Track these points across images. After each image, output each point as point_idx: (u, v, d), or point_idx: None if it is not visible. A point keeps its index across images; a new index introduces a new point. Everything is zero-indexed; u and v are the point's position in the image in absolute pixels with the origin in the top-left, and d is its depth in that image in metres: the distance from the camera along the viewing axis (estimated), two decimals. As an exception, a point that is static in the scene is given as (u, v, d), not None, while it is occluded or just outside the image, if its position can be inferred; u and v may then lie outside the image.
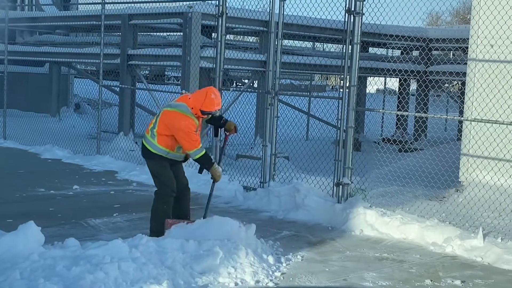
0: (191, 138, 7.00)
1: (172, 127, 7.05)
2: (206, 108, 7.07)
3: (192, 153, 7.08)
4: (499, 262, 7.01)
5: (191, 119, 7.05)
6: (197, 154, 7.06)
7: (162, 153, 7.17)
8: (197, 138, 7.05)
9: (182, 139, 7.02)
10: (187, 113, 7.07)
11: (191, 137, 7.00)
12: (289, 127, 15.08)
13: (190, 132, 6.99)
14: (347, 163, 9.04)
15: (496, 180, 9.11)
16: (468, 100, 9.83)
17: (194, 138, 7.02)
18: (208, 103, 7.05)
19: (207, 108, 7.07)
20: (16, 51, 18.33)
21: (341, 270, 6.67)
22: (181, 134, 7.01)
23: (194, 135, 7.02)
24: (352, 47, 8.91)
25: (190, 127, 7.00)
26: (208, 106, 7.06)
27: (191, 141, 7.01)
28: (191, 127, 7.01)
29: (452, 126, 22.04)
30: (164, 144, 7.15)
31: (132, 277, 5.57)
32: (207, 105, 7.05)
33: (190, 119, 7.04)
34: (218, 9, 10.86)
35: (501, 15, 9.07)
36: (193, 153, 7.06)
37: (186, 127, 6.98)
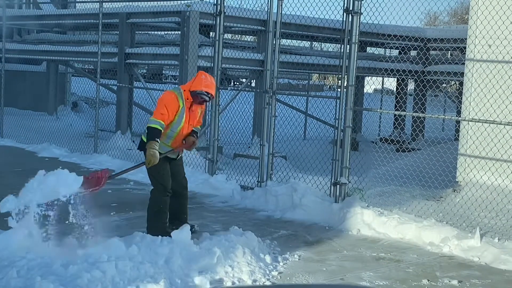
0: (160, 110, 6.94)
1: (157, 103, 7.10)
2: (194, 88, 7.04)
3: (150, 120, 7.00)
4: (496, 262, 7.02)
5: (174, 95, 7.05)
6: (152, 123, 6.94)
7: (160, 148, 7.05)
8: (163, 112, 6.94)
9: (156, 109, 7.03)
10: (175, 91, 7.13)
11: (160, 108, 6.94)
12: (287, 127, 15.11)
13: (163, 104, 6.96)
14: (344, 163, 9.05)
15: (493, 180, 9.12)
16: (466, 100, 9.83)
17: (162, 110, 6.94)
18: (196, 82, 7.06)
19: (195, 88, 7.04)
20: (14, 49, 18.30)
21: (338, 269, 6.67)
22: (157, 105, 7.03)
23: (164, 109, 6.94)
24: (350, 47, 8.91)
25: (169, 101, 6.99)
26: (196, 86, 7.04)
27: (158, 111, 6.95)
28: (170, 102, 6.99)
29: (449, 126, 22.07)
30: None
31: (129, 276, 5.57)
32: (195, 84, 7.05)
33: (172, 95, 7.06)
34: (216, 8, 10.86)
35: (499, 15, 9.08)
36: (151, 120, 6.98)
37: (164, 99, 7.01)
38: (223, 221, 8.55)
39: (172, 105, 7.01)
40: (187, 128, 7.27)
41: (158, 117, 6.93)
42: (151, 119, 7.00)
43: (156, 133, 6.92)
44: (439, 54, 20.72)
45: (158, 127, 6.93)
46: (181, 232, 6.53)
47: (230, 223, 8.42)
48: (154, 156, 6.87)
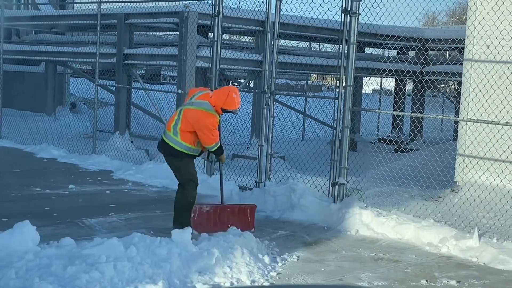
0: (213, 134, 7.58)
1: (196, 125, 7.53)
2: (227, 107, 7.62)
3: (211, 147, 7.66)
4: (494, 262, 7.02)
5: (215, 117, 7.59)
6: (214, 147, 7.69)
7: (186, 149, 7.62)
8: (217, 134, 7.68)
9: (204, 135, 7.54)
10: (211, 111, 7.58)
11: (212, 134, 7.56)
12: (285, 127, 15.09)
13: (213, 129, 7.57)
14: (343, 163, 9.05)
15: (491, 180, 9.12)
16: (464, 100, 9.84)
17: (215, 134, 7.63)
18: (229, 101, 7.61)
19: (228, 107, 7.62)
20: (12, 50, 18.29)
21: (336, 270, 6.67)
22: (205, 131, 7.53)
23: (216, 131, 7.64)
24: (348, 47, 8.91)
25: (214, 124, 7.58)
26: (229, 105, 7.61)
27: (213, 137, 7.58)
28: (215, 124, 7.60)
29: (448, 127, 22.07)
30: (187, 141, 7.60)
31: (128, 277, 5.57)
32: (228, 103, 7.60)
33: (214, 117, 7.58)
34: (215, 9, 10.86)
35: (497, 15, 9.08)
36: (212, 147, 7.66)
37: (210, 124, 7.53)
38: (222, 222, 8.53)
39: (217, 125, 7.69)
40: None
41: (215, 141, 7.65)
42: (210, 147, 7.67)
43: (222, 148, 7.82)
44: (437, 55, 20.74)
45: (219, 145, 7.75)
46: (180, 233, 6.53)
47: (228, 224, 8.42)
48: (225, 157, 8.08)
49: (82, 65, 23.64)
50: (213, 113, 7.59)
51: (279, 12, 10.02)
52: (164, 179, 10.94)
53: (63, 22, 17.91)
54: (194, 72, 12.99)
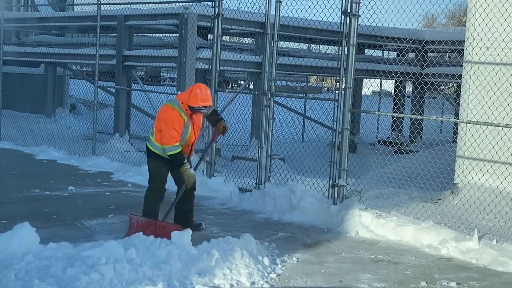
0: (169, 133, 7.11)
1: (160, 119, 7.24)
2: (191, 103, 7.19)
3: (166, 148, 7.18)
4: (494, 264, 7.02)
5: (177, 113, 7.18)
6: (170, 150, 7.17)
7: (159, 151, 7.30)
8: (174, 135, 7.14)
9: (162, 132, 7.15)
10: (176, 107, 7.23)
11: (169, 131, 7.11)
12: (285, 129, 15.10)
13: (171, 126, 7.11)
14: (342, 165, 9.05)
15: (491, 182, 9.12)
16: (464, 102, 9.84)
17: (173, 133, 7.12)
18: (192, 98, 7.18)
19: (192, 103, 7.19)
20: (12, 52, 18.29)
21: (336, 271, 6.67)
22: (163, 126, 7.15)
23: (173, 131, 7.12)
24: (348, 49, 8.91)
25: (173, 120, 7.13)
26: (192, 101, 7.18)
27: (169, 135, 7.12)
28: (174, 121, 7.13)
29: (447, 128, 22.10)
30: (160, 141, 7.28)
31: (127, 278, 5.57)
32: (192, 100, 7.18)
33: (175, 112, 7.18)
34: (214, 10, 10.87)
35: (497, 17, 9.09)
36: (167, 148, 7.16)
37: (168, 119, 7.14)
38: (221, 223, 8.55)
39: (177, 123, 7.19)
40: (194, 134, 7.48)
41: (172, 142, 7.15)
42: (166, 147, 7.18)
43: (180, 157, 7.23)
44: (437, 56, 20.75)
45: (177, 150, 7.19)
46: (180, 235, 6.52)
47: (228, 225, 8.44)
48: (192, 176, 7.33)
49: (82, 66, 23.64)
50: (176, 108, 7.23)
51: (279, 13, 10.03)
52: (163, 181, 10.92)
53: (63, 23, 17.91)
54: (194, 73, 13.00)
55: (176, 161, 7.26)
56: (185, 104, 7.22)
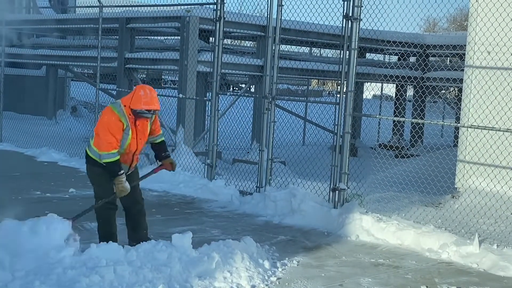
0: (106, 139, 6.36)
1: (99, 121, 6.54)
2: (133, 106, 6.39)
3: (102, 155, 6.43)
4: (494, 269, 7.01)
5: (115, 116, 6.40)
6: (105, 158, 6.42)
7: (96, 156, 6.63)
8: (111, 141, 6.36)
9: (98, 137, 6.45)
10: (116, 109, 6.46)
11: (106, 137, 6.36)
12: (286, 132, 15.09)
13: (107, 131, 6.36)
14: (343, 169, 9.05)
15: (492, 186, 9.12)
16: (465, 106, 9.84)
17: (109, 139, 6.36)
18: (135, 100, 6.40)
19: (134, 106, 6.39)
20: (13, 54, 18.31)
21: (337, 275, 6.67)
22: (99, 131, 6.42)
23: (110, 137, 6.35)
24: (349, 53, 8.92)
25: (111, 124, 6.38)
26: (135, 104, 6.38)
27: (105, 141, 6.37)
28: (112, 125, 6.38)
29: (448, 132, 22.08)
30: (97, 145, 6.57)
31: (128, 281, 5.57)
32: (134, 102, 6.39)
33: (114, 116, 6.40)
34: (216, 14, 10.88)
35: (498, 22, 9.09)
36: (103, 155, 6.41)
37: (105, 123, 6.40)
38: (222, 226, 8.55)
39: (115, 128, 6.40)
40: (136, 143, 6.64)
41: (109, 148, 6.38)
42: (102, 154, 6.42)
43: (116, 167, 6.45)
44: (438, 61, 20.76)
45: (114, 159, 6.42)
46: (181, 237, 6.52)
47: (229, 228, 8.44)
48: (125, 189, 6.52)
49: (83, 68, 23.66)
50: (116, 112, 6.41)
51: (281, 17, 10.03)
52: (164, 184, 10.94)
53: (65, 26, 17.94)
54: (195, 76, 13.02)
55: (110, 171, 6.47)
56: (127, 107, 6.42)
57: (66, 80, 21.65)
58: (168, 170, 7.11)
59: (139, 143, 6.67)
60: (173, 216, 9.10)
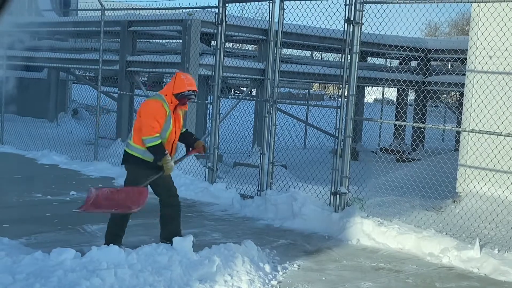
0: (150, 123, 6.59)
1: (140, 113, 6.75)
2: (177, 90, 6.71)
3: (145, 140, 6.61)
4: (495, 273, 7.01)
5: (160, 103, 6.70)
6: (151, 141, 6.60)
7: (138, 152, 6.75)
8: (155, 125, 6.61)
9: (142, 124, 6.64)
10: (158, 98, 6.78)
11: (150, 122, 6.59)
12: (287, 136, 15.09)
13: (152, 116, 6.62)
14: (344, 172, 9.05)
15: (493, 191, 9.11)
16: (466, 111, 9.84)
17: (153, 124, 6.60)
18: (178, 84, 6.72)
19: (178, 89, 6.71)
20: (15, 56, 18.33)
21: (337, 279, 6.66)
22: (143, 118, 6.66)
23: (154, 122, 6.60)
24: (351, 57, 8.92)
25: (156, 109, 6.66)
26: (179, 87, 6.71)
27: (149, 126, 6.59)
28: (157, 110, 6.65)
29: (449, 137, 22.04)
30: (139, 142, 6.72)
31: (128, 284, 5.57)
32: (177, 86, 6.72)
33: (158, 103, 6.71)
34: (218, 17, 10.89)
35: (500, 27, 9.10)
36: (147, 139, 6.60)
37: (150, 108, 6.70)
38: (223, 230, 8.55)
39: (160, 114, 6.69)
40: (175, 132, 6.91)
41: (152, 133, 6.61)
42: (146, 138, 6.61)
43: (161, 148, 6.66)
44: (440, 65, 20.76)
45: (157, 141, 6.64)
46: (181, 241, 6.52)
47: (229, 232, 8.43)
48: (171, 168, 6.77)
49: (85, 71, 23.68)
50: (159, 100, 6.73)
51: (282, 21, 10.04)
52: (165, 187, 10.93)
53: (67, 28, 17.95)
54: (197, 79, 13.01)
55: (157, 153, 6.64)
56: (170, 94, 6.75)
57: (68, 83, 21.67)
58: (200, 152, 7.33)
59: (177, 132, 6.93)
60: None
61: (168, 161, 6.69)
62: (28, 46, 20.96)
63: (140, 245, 6.41)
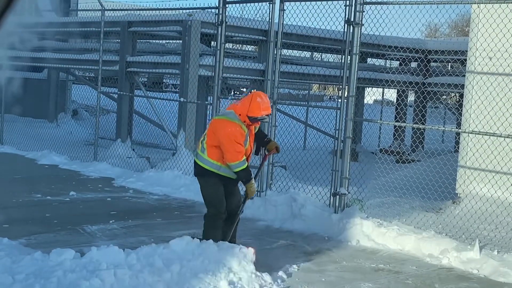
0: (235, 149, 6.55)
1: (218, 135, 6.64)
2: (251, 113, 6.60)
3: (233, 165, 6.61)
4: (495, 275, 7.01)
5: (238, 126, 6.61)
6: (238, 166, 6.61)
7: (214, 168, 6.74)
8: (241, 150, 6.58)
9: (225, 149, 6.59)
10: (234, 120, 6.65)
11: (234, 147, 6.55)
12: (287, 137, 15.08)
13: (234, 141, 6.56)
14: (344, 173, 9.05)
15: (493, 192, 9.11)
16: (466, 112, 9.85)
17: (238, 149, 6.56)
18: (253, 107, 6.59)
19: (252, 113, 6.60)
20: (15, 57, 18.31)
21: (337, 280, 6.66)
22: (225, 143, 6.58)
23: (238, 146, 6.57)
24: (351, 58, 8.93)
25: (236, 134, 6.57)
26: (253, 111, 6.59)
27: (234, 151, 6.55)
28: (237, 135, 6.58)
29: (449, 138, 22.06)
30: (215, 157, 6.70)
31: (128, 285, 5.56)
32: (252, 109, 6.59)
33: (237, 126, 6.61)
34: (218, 18, 10.89)
35: (500, 28, 9.10)
36: (234, 165, 6.60)
37: (231, 134, 6.57)
38: (222, 231, 8.52)
39: (240, 138, 6.62)
40: (251, 146, 6.94)
41: (240, 157, 6.59)
42: (233, 164, 6.60)
43: (248, 173, 6.70)
44: (440, 66, 20.76)
45: (244, 166, 6.65)
46: (179, 241, 6.51)
47: (229, 233, 8.41)
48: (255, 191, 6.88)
49: (84, 72, 23.68)
50: (236, 122, 6.61)
51: (282, 21, 10.04)
52: (165, 187, 10.95)
53: (67, 29, 17.94)
54: (197, 80, 13.02)
55: (243, 177, 6.68)
56: (244, 115, 6.61)
57: (68, 83, 21.66)
58: (274, 153, 7.48)
59: (251, 145, 6.97)
60: (173, 220, 9.10)
61: (252, 184, 6.75)
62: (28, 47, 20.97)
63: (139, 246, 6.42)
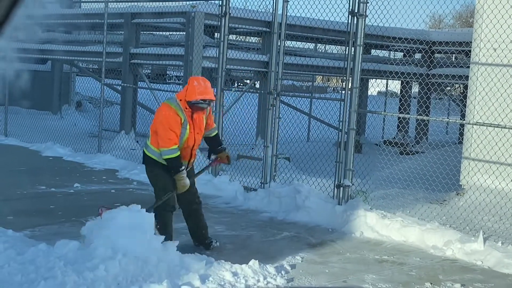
0: (166, 135, 6.31)
1: (155, 120, 6.50)
2: (188, 98, 6.37)
3: (163, 151, 6.37)
4: (499, 266, 7.00)
5: (173, 111, 6.38)
6: (166, 154, 6.36)
7: (156, 156, 6.55)
8: (172, 137, 6.32)
9: (158, 134, 6.38)
10: (173, 104, 6.43)
11: (165, 133, 6.31)
12: (291, 128, 15.07)
13: (167, 126, 6.32)
14: (348, 165, 9.04)
15: (497, 184, 9.10)
16: (470, 103, 9.82)
17: (170, 135, 6.32)
18: (190, 91, 6.38)
19: (189, 97, 6.37)
20: (18, 48, 18.30)
21: (341, 272, 6.67)
22: (159, 127, 6.39)
23: (170, 132, 6.32)
24: (355, 49, 8.90)
25: (169, 120, 6.34)
26: (190, 95, 6.36)
27: (165, 137, 6.31)
28: (170, 121, 6.34)
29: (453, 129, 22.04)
30: (155, 144, 6.52)
31: (132, 275, 5.57)
32: (189, 94, 6.37)
33: (171, 111, 6.37)
34: (221, 9, 10.87)
35: (505, 19, 9.07)
36: (163, 151, 6.36)
37: (164, 118, 6.36)
38: (226, 222, 8.55)
39: (173, 123, 6.37)
40: (194, 138, 6.63)
41: (170, 144, 6.33)
42: (163, 150, 6.36)
43: (177, 162, 6.40)
44: (444, 57, 20.71)
45: (175, 155, 6.37)
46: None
47: (233, 224, 8.44)
48: (185, 185, 6.51)
49: (88, 64, 23.68)
50: (173, 107, 6.38)
51: (286, 13, 10.02)
52: (169, 179, 10.94)
53: (70, 21, 17.94)
54: (200, 72, 13.00)
55: (172, 167, 6.41)
56: (183, 100, 6.41)
57: (71, 75, 21.67)
58: (224, 163, 7.19)
59: (197, 137, 6.65)
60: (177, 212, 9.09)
61: (181, 178, 6.42)
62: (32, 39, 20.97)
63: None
